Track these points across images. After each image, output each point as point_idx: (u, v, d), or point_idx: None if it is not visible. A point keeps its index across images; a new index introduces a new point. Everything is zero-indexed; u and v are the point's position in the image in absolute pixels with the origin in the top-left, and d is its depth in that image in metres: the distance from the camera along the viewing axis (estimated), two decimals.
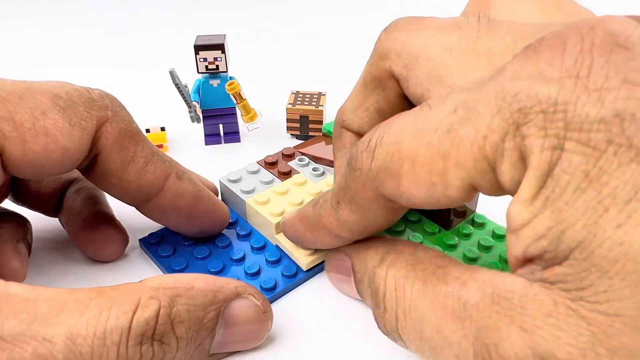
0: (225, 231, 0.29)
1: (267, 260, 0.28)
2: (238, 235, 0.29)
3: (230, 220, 0.30)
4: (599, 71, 0.13)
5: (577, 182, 0.13)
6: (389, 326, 0.20)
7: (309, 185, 0.31)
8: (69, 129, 0.22)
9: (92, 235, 0.27)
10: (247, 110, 0.37)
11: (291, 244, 0.28)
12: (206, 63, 0.36)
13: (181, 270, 0.27)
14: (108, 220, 0.28)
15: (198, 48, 0.36)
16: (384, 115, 0.24)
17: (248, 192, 0.30)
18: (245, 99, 0.37)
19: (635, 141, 0.13)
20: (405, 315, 0.19)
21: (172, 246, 0.28)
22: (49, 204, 0.29)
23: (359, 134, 0.25)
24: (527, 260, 0.15)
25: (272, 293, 0.26)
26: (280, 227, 0.28)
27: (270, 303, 0.26)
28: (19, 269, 0.25)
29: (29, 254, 0.27)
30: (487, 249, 0.27)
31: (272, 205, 0.29)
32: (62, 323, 0.17)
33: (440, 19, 0.22)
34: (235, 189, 0.30)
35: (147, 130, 0.38)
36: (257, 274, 0.27)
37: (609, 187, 0.13)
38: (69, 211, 0.28)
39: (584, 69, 0.14)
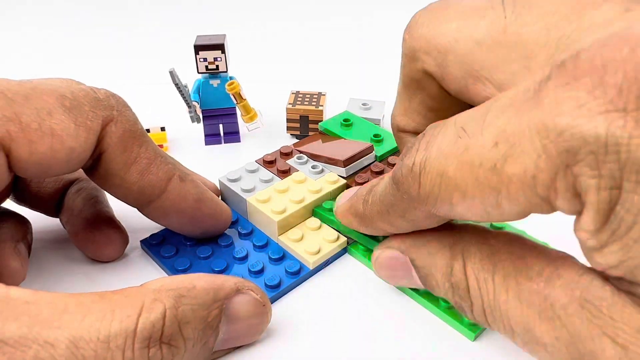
0: (227, 230, 0.29)
1: (270, 257, 0.28)
2: (240, 234, 0.29)
3: (232, 219, 0.30)
4: None
5: None
6: (479, 319, 0.20)
7: (309, 182, 0.31)
8: (75, 129, 0.22)
9: (91, 235, 0.27)
10: (247, 110, 0.37)
11: (295, 243, 0.28)
12: (206, 63, 0.36)
13: (185, 271, 0.27)
14: (108, 220, 0.28)
15: (198, 48, 0.36)
16: (435, 111, 0.24)
17: (248, 191, 0.30)
18: (245, 99, 0.37)
19: None
20: (493, 311, 0.19)
21: (175, 247, 0.28)
22: (50, 204, 0.29)
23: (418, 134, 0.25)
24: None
25: (277, 290, 0.26)
26: (281, 227, 0.28)
27: (275, 300, 0.26)
28: (18, 269, 0.25)
29: (29, 254, 0.28)
30: None
31: (273, 203, 0.29)
32: (64, 326, 0.17)
33: (462, 5, 0.21)
34: (236, 188, 0.30)
35: (147, 130, 0.38)
36: (261, 271, 0.27)
37: None
38: (69, 211, 0.28)
39: (632, 100, 0.13)
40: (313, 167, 0.32)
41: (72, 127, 0.22)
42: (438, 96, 0.23)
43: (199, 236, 0.28)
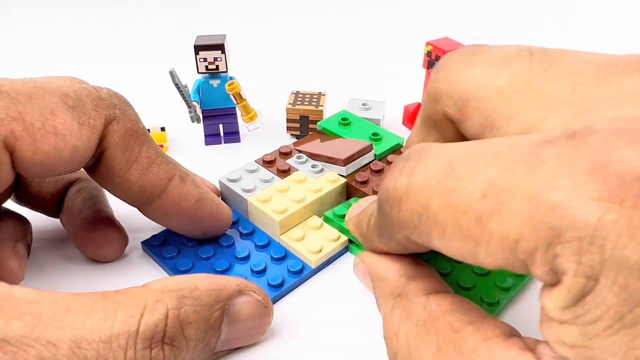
0: (228, 230, 0.29)
1: (272, 257, 0.28)
2: (241, 234, 0.29)
3: (233, 220, 0.30)
4: None
5: (610, 322, 0.13)
6: None
7: (309, 182, 0.31)
8: (78, 128, 0.22)
9: (91, 235, 0.28)
10: (247, 110, 0.37)
11: (297, 242, 0.28)
12: (206, 63, 0.36)
13: (187, 271, 0.27)
14: (107, 220, 0.28)
15: (198, 48, 0.36)
16: None
17: (249, 191, 0.30)
18: (245, 99, 0.37)
19: None
20: None
21: (176, 247, 0.28)
22: (50, 204, 0.29)
23: None
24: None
25: (280, 290, 0.26)
26: (282, 226, 0.29)
27: (278, 300, 0.26)
28: (16, 269, 0.25)
29: (28, 255, 0.28)
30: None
31: (274, 202, 0.29)
32: (66, 326, 0.17)
33: (492, 51, 0.20)
34: (236, 188, 0.30)
35: (147, 130, 0.38)
36: (263, 271, 0.27)
37: None
38: (69, 211, 0.28)
39: (629, 198, 0.12)
40: (313, 166, 0.32)
41: (75, 126, 0.22)
42: (454, 139, 0.22)
43: (199, 237, 0.28)
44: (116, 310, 0.18)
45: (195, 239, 0.29)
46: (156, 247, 0.29)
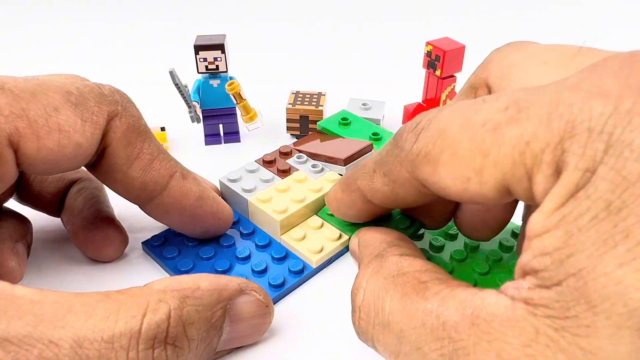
0: (228, 230, 0.29)
1: (273, 257, 0.28)
2: (241, 234, 0.29)
3: (233, 220, 0.30)
4: None
5: (597, 211, 0.13)
6: (365, 335, 0.19)
7: (310, 181, 0.31)
8: (82, 125, 0.22)
9: (91, 235, 0.27)
10: (247, 110, 0.37)
11: (297, 242, 0.28)
12: (206, 63, 0.36)
13: (188, 271, 0.27)
14: (108, 220, 0.28)
15: (198, 48, 0.36)
16: None
17: (249, 191, 0.30)
18: (245, 99, 0.37)
19: None
20: (384, 329, 0.18)
21: (177, 247, 0.28)
22: (52, 204, 0.29)
23: None
24: (526, 273, 0.15)
25: (281, 290, 0.26)
26: (283, 226, 0.29)
27: (279, 300, 0.26)
28: (15, 269, 0.25)
29: (28, 254, 0.27)
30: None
31: (275, 202, 0.29)
32: (68, 326, 0.17)
33: (544, 44, 0.21)
34: (237, 188, 0.30)
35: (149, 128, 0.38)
36: (264, 271, 0.27)
37: (626, 222, 0.12)
38: (69, 210, 0.28)
39: None
40: (313, 166, 0.32)
41: (78, 122, 0.22)
42: None
43: (200, 236, 0.28)
44: (118, 310, 0.18)
45: (196, 238, 0.29)
46: (157, 247, 0.29)
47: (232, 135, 0.40)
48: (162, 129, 0.38)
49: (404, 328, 0.17)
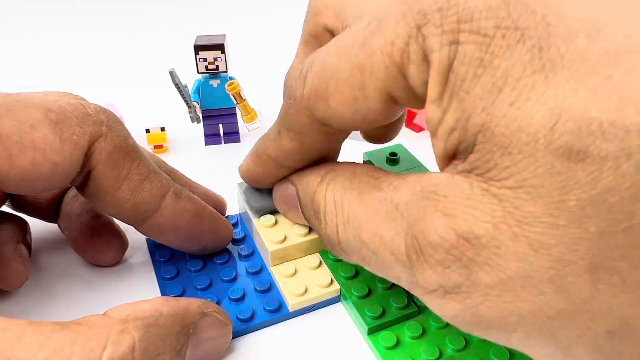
0: (230, 247, 0.29)
1: (255, 288, 0.26)
2: (239, 255, 0.28)
3: (238, 237, 0.29)
4: None
5: (474, 70, 0.14)
6: (332, 239, 0.20)
7: None
8: (60, 144, 0.21)
9: (90, 241, 0.27)
10: (247, 110, 0.37)
11: (284, 278, 0.26)
12: (206, 63, 0.36)
13: (170, 279, 0.27)
14: (107, 225, 0.28)
15: (198, 48, 0.36)
16: None
17: (258, 211, 0.27)
18: (245, 99, 0.37)
19: (520, 23, 0.13)
20: (345, 226, 0.19)
21: (170, 251, 0.28)
22: (48, 210, 0.28)
23: None
24: (451, 158, 0.16)
25: (247, 325, 0.25)
26: (276, 257, 0.26)
27: (245, 334, 0.25)
28: (21, 270, 0.25)
29: (29, 254, 0.27)
30: None
31: (276, 230, 0.26)
32: (15, 357, 0.16)
33: None
34: (248, 203, 0.27)
35: (147, 131, 0.38)
36: (240, 299, 0.26)
37: (501, 69, 0.13)
38: (67, 216, 0.28)
39: None
40: None
41: (57, 141, 0.21)
42: None
43: (199, 252, 0.27)
44: (74, 342, 0.16)
45: (196, 254, 0.28)
46: (155, 247, 0.28)
47: (232, 136, 0.40)
48: (162, 129, 0.38)
49: (362, 219, 0.18)
